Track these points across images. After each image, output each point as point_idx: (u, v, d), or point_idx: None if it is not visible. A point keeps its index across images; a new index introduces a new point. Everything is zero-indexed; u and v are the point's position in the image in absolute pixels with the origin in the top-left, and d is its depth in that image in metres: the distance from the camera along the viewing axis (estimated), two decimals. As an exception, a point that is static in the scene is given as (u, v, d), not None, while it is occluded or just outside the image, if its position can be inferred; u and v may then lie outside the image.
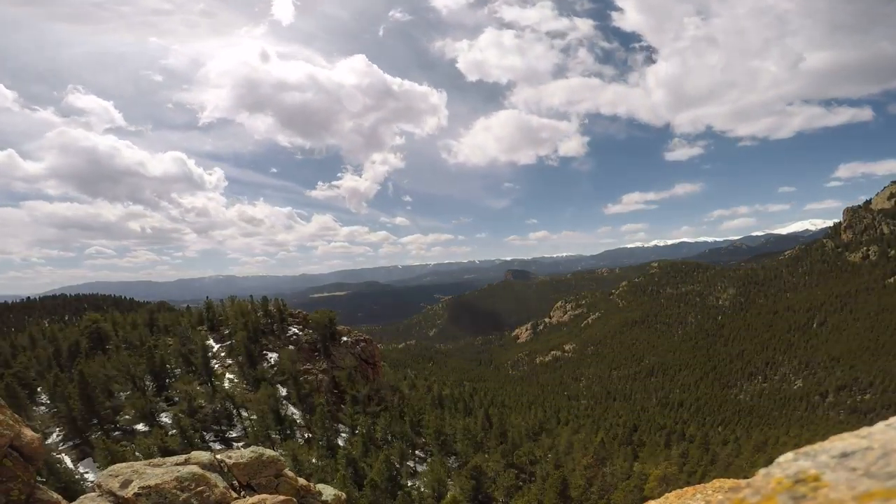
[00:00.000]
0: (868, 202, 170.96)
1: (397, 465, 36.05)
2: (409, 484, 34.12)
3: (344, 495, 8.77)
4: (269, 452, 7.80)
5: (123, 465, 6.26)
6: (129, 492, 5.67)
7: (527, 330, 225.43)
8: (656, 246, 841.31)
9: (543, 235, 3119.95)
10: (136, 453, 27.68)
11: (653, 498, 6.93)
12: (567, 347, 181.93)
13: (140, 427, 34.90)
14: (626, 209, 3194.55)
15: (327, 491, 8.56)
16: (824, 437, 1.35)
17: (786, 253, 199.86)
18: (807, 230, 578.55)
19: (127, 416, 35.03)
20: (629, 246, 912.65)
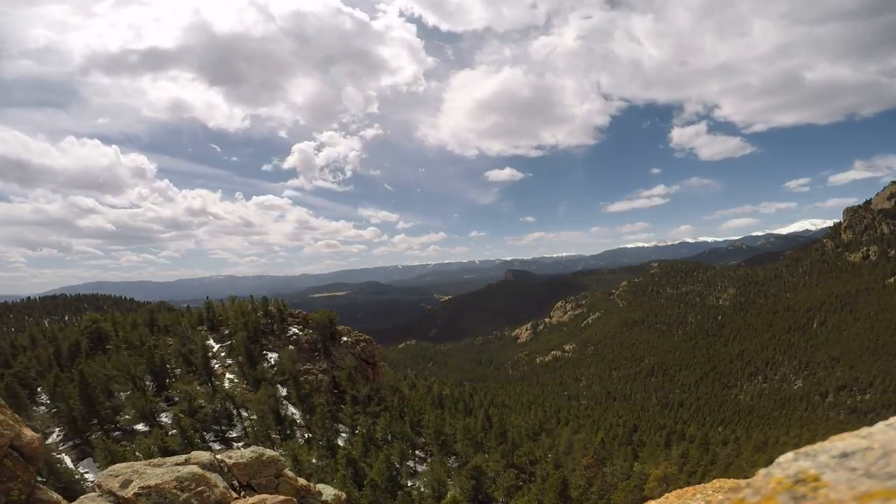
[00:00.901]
0: (868, 202, 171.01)
1: (397, 465, 36.04)
2: (409, 484, 34.12)
3: (344, 495, 8.77)
4: (269, 452, 7.80)
5: (123, 465, 6.25)
6: (129, 492, 5.67)
7: (527, 330, 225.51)
8: (656, 246, 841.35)
9: (540, 236, 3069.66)
10: (136, 453, 27.66)
11: (653, 498, 6.94)
12: (567, 347, 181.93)
13: (140, 427, 34.89)
14: (626, 207, 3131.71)
15: (327, 491, 8.56)
16: (824, 437, 1.35)
17: (786, 253, 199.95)
18: (807, 230, 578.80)
19: (127, 416, 35.02)
20: (629, 246, 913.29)
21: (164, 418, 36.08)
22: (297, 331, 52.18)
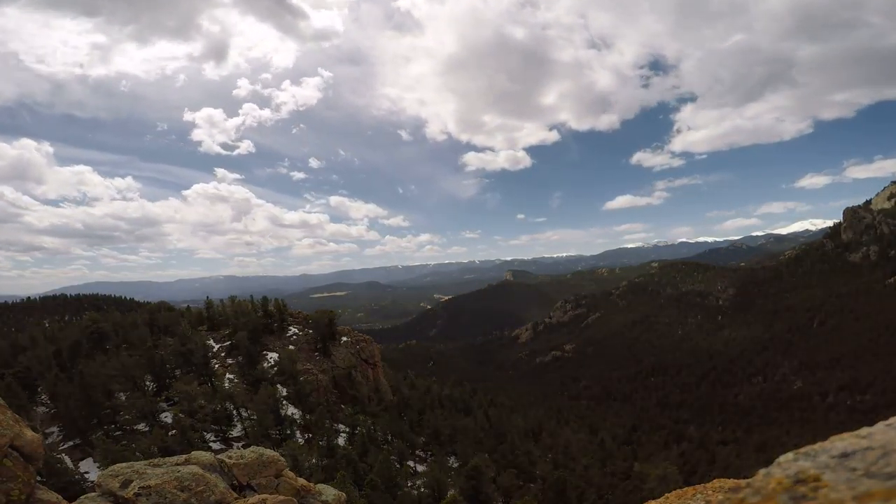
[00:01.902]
0: (868, 202, 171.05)
1: (397, 465, 36.05)
2: (409, 484, 34.12)
3: (344, 495, 8.76)
4: (269, 452, 7.80)
5: (123, 465, 6.25)
6: (129, 492, 5.67)
7: (527, 330, 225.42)
8: (656, 246, 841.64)
9: (534, 237, 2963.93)
10: (137, 453, 27.66)
11: (653, 498, 6.94)
12: (567, 347, 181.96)
13: (140, 427, 34.90)
14: (625, 204, 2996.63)
15: (327, 491, 8.56)
16: (824, 437, 1.35)
17: (786, 253, 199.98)
18: (807, 230, 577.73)
19: (127, 416, 35.02)
20: (629, 246, 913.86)
21: (164, 418, 36.08)
22: (296, 331, 52.22)
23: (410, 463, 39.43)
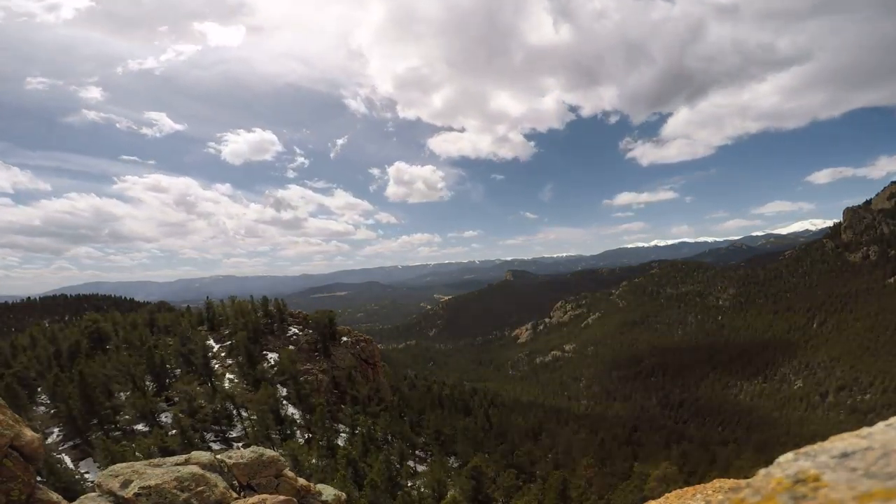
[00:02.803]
0: (868, 202, 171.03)
1: (397, 465, 36.05)
2: (409, 484, 34.12)
3: (344, 495, 8.76)
4: (269, 452, 7.80)
5: (123, 465, 6.25)
6: (129, 492, 5.67)
7: (527, 330, 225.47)
8: (656, 246, 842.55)
9: (531, 237, 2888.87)
10: (136, 453, 27.65)
11: (653, 498, 6.94)
12: (567, 347, 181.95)
13: (140, 427, 34.89)
14: (626, 202, 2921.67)
15: (327, 491, 8.56)
16: (824, 438, 1.35)
17: (786, 253, 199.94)
18: (807, 230, 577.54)
19: (127, 416, 35.02)
20: (629, 246, 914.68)
21: (164, 418, 36.08)
22: (296, 331, 52.23)
23: (410, 463, 39.44)
